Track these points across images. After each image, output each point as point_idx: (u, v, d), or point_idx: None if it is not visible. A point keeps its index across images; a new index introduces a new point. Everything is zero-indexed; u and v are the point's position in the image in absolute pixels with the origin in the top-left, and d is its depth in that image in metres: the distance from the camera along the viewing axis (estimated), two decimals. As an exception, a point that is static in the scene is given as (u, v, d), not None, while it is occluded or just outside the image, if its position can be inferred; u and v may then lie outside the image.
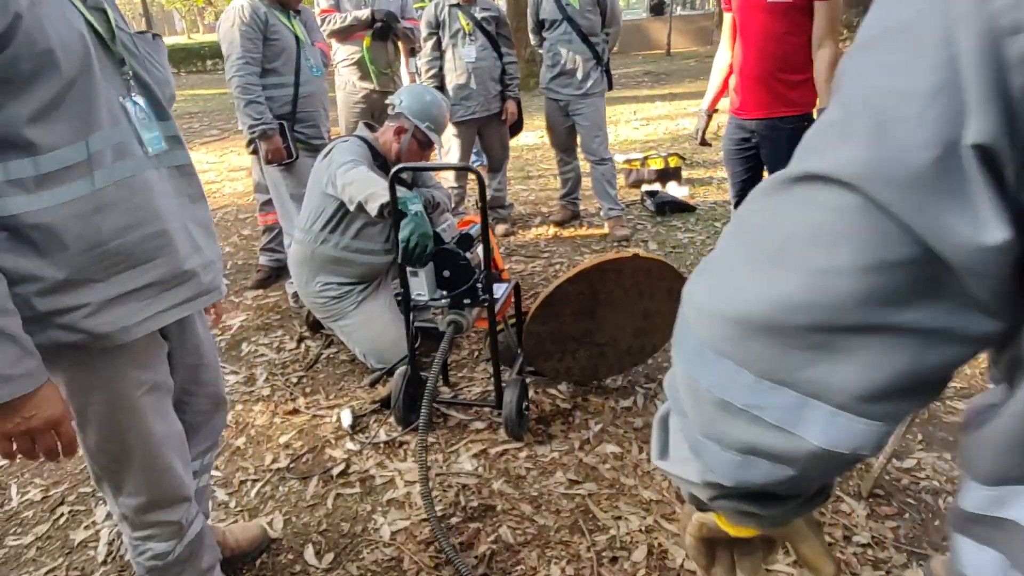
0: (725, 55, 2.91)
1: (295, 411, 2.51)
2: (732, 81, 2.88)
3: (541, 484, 2.05)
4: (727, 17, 2.83)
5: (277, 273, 3.84)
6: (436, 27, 3.84)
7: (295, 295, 3.28)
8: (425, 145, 2.62)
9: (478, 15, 3.83)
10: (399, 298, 2.23)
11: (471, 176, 4.34)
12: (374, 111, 4.17)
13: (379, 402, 2.47)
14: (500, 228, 4.32)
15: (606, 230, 4.27)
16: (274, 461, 2.23)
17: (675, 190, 4.98)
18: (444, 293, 2.15)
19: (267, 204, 3.76)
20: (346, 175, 2.24)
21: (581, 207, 4.62)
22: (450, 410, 2.44)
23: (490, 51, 3.90)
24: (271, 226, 3.81)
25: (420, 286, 2.14)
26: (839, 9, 2.50)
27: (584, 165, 4.43)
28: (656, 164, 5.19)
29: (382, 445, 2.28)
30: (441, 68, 3.93)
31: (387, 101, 2.64)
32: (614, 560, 1.76)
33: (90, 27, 1.10)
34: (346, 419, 2.40)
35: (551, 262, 3.85)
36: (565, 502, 1.97)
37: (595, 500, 1.97)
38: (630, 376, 2.62)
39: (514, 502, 1.98)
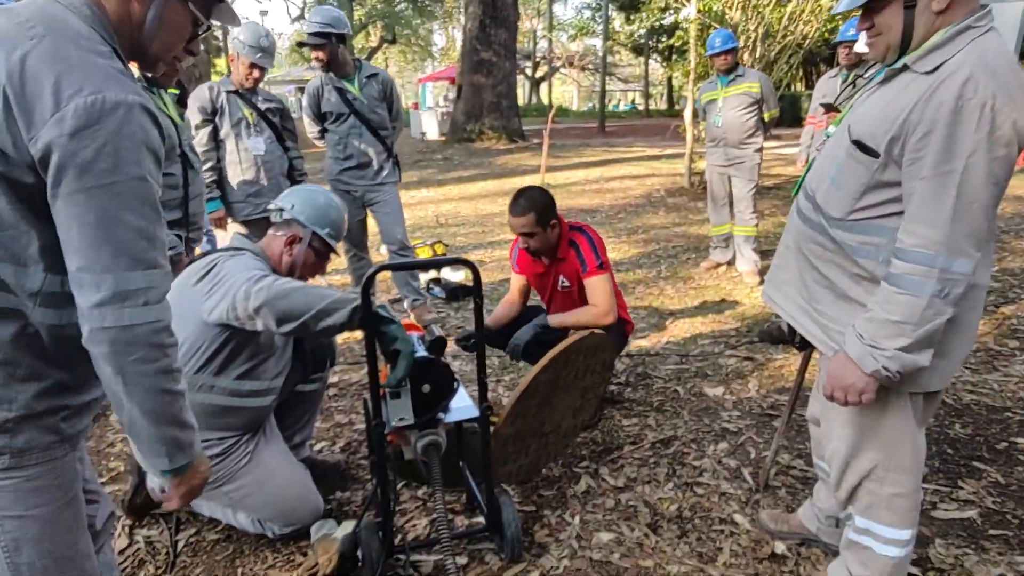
0: (508, 308, 3.00)
1: (200, 632, 1.74)
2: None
3: (578, 601, 1.83)
4: (517, 278, 2.99)
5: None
6: (212, 114, 3.26)
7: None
8: (323, 255, 2.19)
9: (261, 105, 3.40)
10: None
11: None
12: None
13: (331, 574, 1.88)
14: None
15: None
16: None
17: (452, 275, 5.07)
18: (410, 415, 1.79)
19: None
20: (273, 287, 1.70)
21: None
22: (419, 554, 2.01)
23: (276, 144, 3.48)
24: None
25: (403, 408, 1.74)
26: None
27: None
28: (425, 253, 5.22)
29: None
30: (219, 160, 3.33)
31: (271, 206, 2.14)
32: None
33: None
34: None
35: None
36: (615, 609, 1.80)
37: (639, 595, 1.85)
38: (559, 460, 2.55)
39: (572, 632, 1.72)
